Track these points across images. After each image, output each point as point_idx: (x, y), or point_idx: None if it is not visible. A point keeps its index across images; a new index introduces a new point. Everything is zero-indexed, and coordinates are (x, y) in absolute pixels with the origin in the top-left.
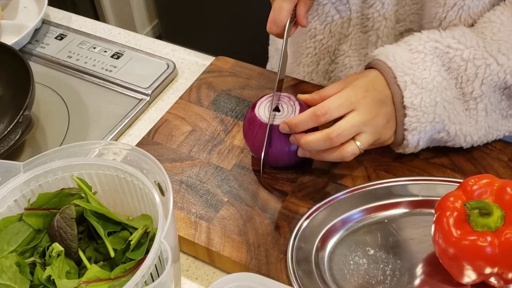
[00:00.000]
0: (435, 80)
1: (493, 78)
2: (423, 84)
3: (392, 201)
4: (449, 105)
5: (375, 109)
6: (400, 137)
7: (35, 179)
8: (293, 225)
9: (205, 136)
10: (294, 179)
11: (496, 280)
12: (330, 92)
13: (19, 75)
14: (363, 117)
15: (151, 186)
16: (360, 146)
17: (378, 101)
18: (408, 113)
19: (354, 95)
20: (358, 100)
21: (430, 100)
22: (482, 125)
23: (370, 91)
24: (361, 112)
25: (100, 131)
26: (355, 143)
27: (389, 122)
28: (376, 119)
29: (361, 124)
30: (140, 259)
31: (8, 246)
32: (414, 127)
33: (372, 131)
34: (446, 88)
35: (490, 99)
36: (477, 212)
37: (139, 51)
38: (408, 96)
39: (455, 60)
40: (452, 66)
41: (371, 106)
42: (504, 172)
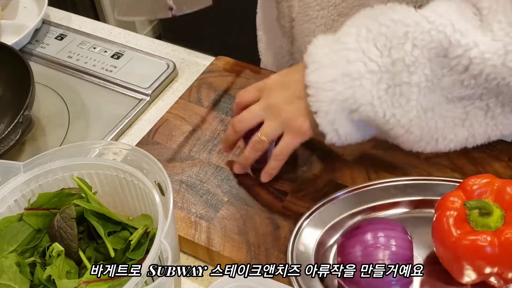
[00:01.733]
0: (336, 55)
1: (424, 37)
2: (322, 60)
3: (392, 201)
4: (353, 81)
5: (278, 89)
6: (314, 124)
7: (35, 179)
8: (293, 225)
9: (205, 136)
10: (294, 179)
11: (496, 280)
12: None
13: (19, 75)
14: (264, 100)
15: (151, 186)
16: (261, 136)
17: (283, 82)
18: (308, 92)
19: (265, 81)
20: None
21: (327, 75)
22: (413, 106)
23: (282, 75)
24: (264, 95)
25: (100, 131)
26: (258, 134)
27: (292, 100)
28: (277, 99)
29: (260, 108)
30: (140, 259)
31: (8, 246)
32: (316, 107)
33: (271, 115)
34: (350, 60)
35: (425, 70)
36: (477, 212)
37: (139, 51)
38: (307, 74)
39: (384, 23)
40: (381, 31)
41: (274, 88)
42: (504, 172)
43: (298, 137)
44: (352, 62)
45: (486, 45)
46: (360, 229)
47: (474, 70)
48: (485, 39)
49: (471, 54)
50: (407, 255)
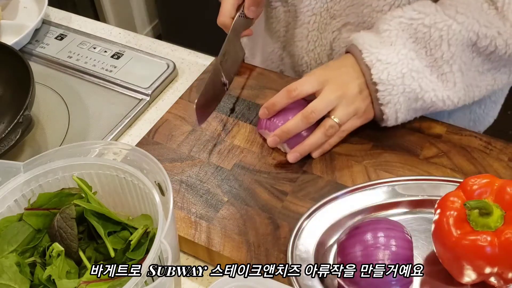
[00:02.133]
0: (400, 53)
1: (457, 37)
2: (388, 59)
3: (392, 201)
4: (418, 74)
5: (345, 82)
6: (379, 112)
7: (35, 179)
8: (293, 225)
9: (205, 136)
10: (294, 179)
11: (496, 280)
12: None
13: (19, 75)
14: (334, 91)
15: (151, 186)
16: (336, 119)
17: (348, 75)
18: (378, 88)
19: (324, 73)
20: (328, 77)
21: (396, 72)
22: (460, 87)
23: (340, 68)
24: (331, 87)
25: (100, 131)
26: (331, 118)
27: (362, 93)
28: (347, 91)
29: (333, 98)
30: (140, 259)
31: (8, 246)
32: (387, 100)
33: (345, 102)
34: (412, 58)
35: (462, 58)
36: (477, 212)
37: (139, 51)
38: (375, 73)
39: (419, 29)
40: (418, 36)
41: (341, 80)
42: (504, 172)
43: (364, 120)
44: (414, 60)
45: (507, 32)
46: (360, 229)
47: (499, 52)
48: (505, 28)
49: (496, 42)
50: (407, 255)
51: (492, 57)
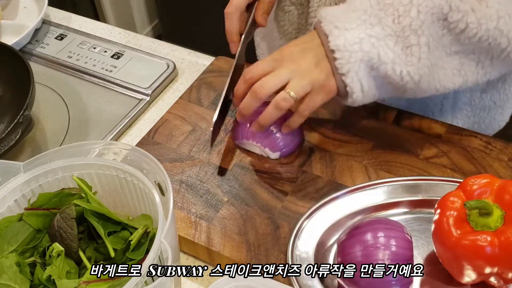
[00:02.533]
0: (360, 19)
1: (427, 3)
2: (345, 25)
3: (392, 201)
4: (379, 42)
5: (299, 57)
6: (341, 84)
7: (35, 179)
8: (293, 225)
9: (205, 136)
10: (294, 179)
11: (496, 280)
12: None
13: (19, 75)
14: (287, 66)
15: (151, 186)
16: (291, 92)
17: (303, 49)
18: (336, 56)
19: (281, 51)
20: (284, 54)
21: (353, 38)
22: (425, 63)
23: (298, 44)
24: (284, 64)
25: (100, 131)
26: (284, 90)
27: (319, 64)
28: (301, 63)
29: (285, 72)
30: (140, 259)
31: (8, 246)
32: (347, 68)
33: (299, 75)
34: (373, 24)
35: (430, 31)
36: (477, 212)
37: (139, 51)
38: (332, 40)
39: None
40: (387, 1)
41: (295, 55)
42: (504, 172)
43: (326, 95)
44: (374, 25)
45: (481, 11)
46: (360, 229)
47: (469, 32)
48: (480, 6)
49: (468, 19)
50: (407, 255)
51: (461, 38)
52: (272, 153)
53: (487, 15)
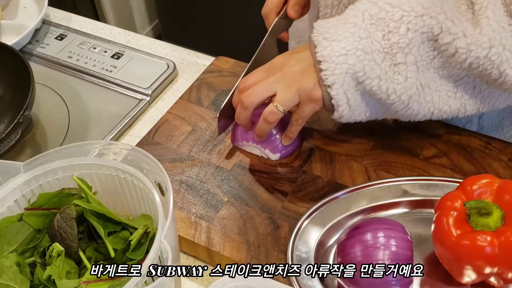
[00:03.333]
0: (348, 31)
1: (417, 22)
2: (333, 36)
3: (392, 201)
4: (366, 55)
5: (287, 65)
6: (327, 97)
7: (35, 179)
8: (293, 225)
9: (205, 136)
10: (294, 179)
11: (496, 280)
12: None
13: (19, 75)
14: (274, 75)
15: (151, 186)
16: (277, 104)
17: (293, 58)
18: (321, 67)
19: (271, 62)
20: (273, 65)
21: (339, 49)
22: (412, 83)
23: (289, 54)
24: (273, 73)
25: (100, 131)
26: (272, 103)
27: (304, 73)
28: (287, 73)
29: (271, 81)
30: (140, 259)
31: (8, 246)
32: (332, 80)
33: (285, 86)
34: (361, 37)
35: (419, 51)
36: (477, 212)
37: (139, 51)
38: (319, 51)
39: (384, 7)
40: (380, 16)
41: (284, 64)
42: (504, 172)
43: (314, 105)
44: (363, 39)
45: (473, 37)
46: (360, 229)
47: (459, 57)
48: (473, 32)
49: (458, 43)
50: (407, 255)
51: (452, 62)
52: (272, 155)
53: (478, 41)
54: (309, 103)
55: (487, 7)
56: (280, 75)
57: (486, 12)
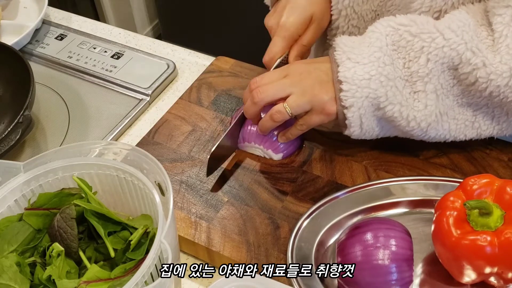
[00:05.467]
0: (373, 56)
1: (438, 53)
2: (358, 58)
3: (392, 201)
4: (388, 82)
5: (305, 73)
6: (341, 116)
7: (35, 179)
8: (293, 225)
9: (205, 136)
10: (294, 179)
11: (496, 280)
12: None
13: (19, 75)
14: (290, 79)
15: (151, 186)
16: (286, 106)
17: (312, 68)
18: (342, 87)
19: (288, 66)
20: (290, 69)
21: (363, 73)
22: (431, 111)
23: (308, 63)
24: (290, 76)
25: (100, 131)
26: (282, 103)
27: (322, 85)
28: (304, 81)
29: (287, 84)
30: (140, 259)
31: (9, 246)
32: (350, 102)
33: (301, 90)
34: (386, 63)
35: (439, 80)
36: (477, 212)
37: (139, 51)
38: (342, 70)
39: (404, 36)
40: (401, 44)
41: (302, 70)
42: (504, 172)
43: (325, 118)
44: (387, 65)
45: (493, 66)
46: (360, 229)
47: (479, 86)
48: (493, 60)
49: (478, 73)
50: (407, 255)
51: (472, 91)
52: (275, 155)
53: (498, 71)
54: (320, 114)
55: (507, 36)
56: (297, 79)
57: (506, 41)
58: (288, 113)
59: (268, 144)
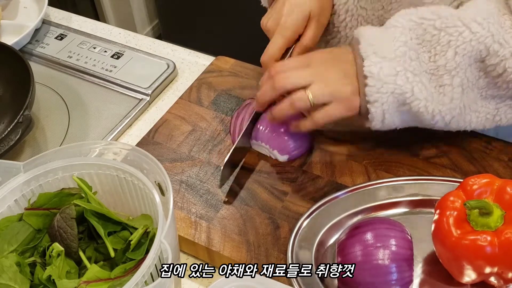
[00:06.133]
0: (399, 50)
1: (466, 47)
2: (384, 53)
3: (392, 201)
4: (414, 77)
5: (328, 64)
6: (364, 110)
7: (35, 179)
8: (293, 225)
9: (205, 136)
10: (294, 179)
11: (496, 280)
12: None
13: (19, 75)
14: (313, 68)
15: (151, 186)
16: (309, 94)
17: (335, 59)
18: (367, 82)
19: (308, 55)
20: (312, 58)
21: (390, 69)
22: (456, 104)
23: (331, 53)
24: (313, 65)
25: (100, 131)
26: (304, 91)
27: (346, 78)
28: (328, 71)
29: (310, 73)
30: (140, 259)
31: (9, 246)
32: (375, 98)
33: (323, 81)
34: (412, 58)
35: (466, 73)
36: (477, 212)
37: (139, 51)
38: (367, 65)
39: (429, 30)
40: (426, 38)
41: (325, 60)
42: (504, 172)
43: (345, 111)
44: (413, 60)
45: None
46: (360, 229)
47: (507, 77)
48: None
49: (506, 64)
50: (407, 254)
51: (499, 82)
52: (280, 156)
53: None
54: (341, 107)
55: None
56: (320, 69)
57: None
58: (310, 100)
59: (275, 144)
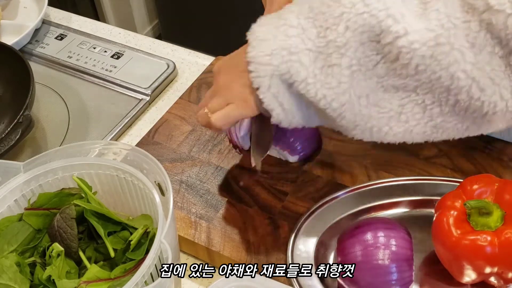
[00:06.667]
0: (278, 29)
1: (357, 20)
2: (264, 35)
3: (392, 201)
4: (291, 56)
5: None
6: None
7: (35, 179)
8: (293, 225)
9: (205, 136)
10: (294, 179)
11: (496, 280)
12: None
13: (19, 75)
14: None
15: (151, 186)
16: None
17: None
18: (250, 68)
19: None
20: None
21: (265, 49)
22: (344, 89)
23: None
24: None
25: (100, 131)
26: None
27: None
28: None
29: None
30: (140, 259)
31: (8, 246)
32: (258, 83)
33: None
34: (289, 35)
35: (356, 53)
36: (477, 212)
37: (139, 51)
38: (249, 51)
39: (326, 1)
40: (321, 10)
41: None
42: (504, 172)
43: (241, 109)
44: (290, 37)
45: (417, 34)
46: (360, 229)
47: (403, 59)
48: (418, 27)
49: (399, 42)
50: (407, 254)
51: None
52: (291, 157)
53: (423, 39)
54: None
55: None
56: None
57: (437, 4)
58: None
59: (285, 146)
